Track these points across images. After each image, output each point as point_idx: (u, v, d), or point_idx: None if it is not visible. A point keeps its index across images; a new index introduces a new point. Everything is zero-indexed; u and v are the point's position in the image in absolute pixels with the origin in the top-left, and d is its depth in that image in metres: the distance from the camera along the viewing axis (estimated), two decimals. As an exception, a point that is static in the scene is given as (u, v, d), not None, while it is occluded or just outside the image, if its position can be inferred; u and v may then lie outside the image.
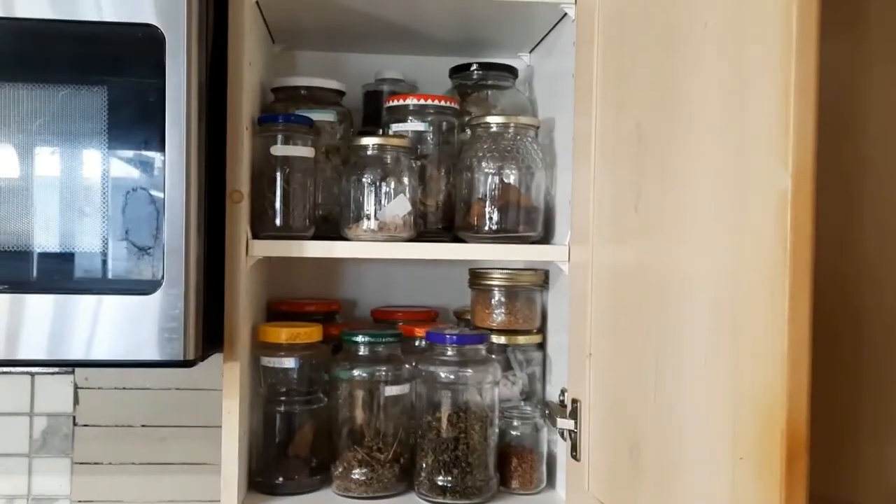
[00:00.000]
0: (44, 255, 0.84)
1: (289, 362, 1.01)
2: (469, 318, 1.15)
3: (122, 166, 0.85)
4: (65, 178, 0.84)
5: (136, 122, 0.85)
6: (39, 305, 0.83)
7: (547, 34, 1.13)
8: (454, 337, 0.99)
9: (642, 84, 0.79)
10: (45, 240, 0.84)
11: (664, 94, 0.73)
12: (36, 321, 0.83)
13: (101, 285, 0.84)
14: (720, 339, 0.62)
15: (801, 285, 0.55)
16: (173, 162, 0.84)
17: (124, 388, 1.23)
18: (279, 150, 0.98)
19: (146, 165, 0.84)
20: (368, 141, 1.01)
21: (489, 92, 1.16)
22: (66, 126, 0.85)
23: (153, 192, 0.84)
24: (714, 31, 0.65)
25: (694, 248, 0.67)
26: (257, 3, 0.96)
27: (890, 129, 0.80)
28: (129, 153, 0.85)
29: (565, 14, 1.00)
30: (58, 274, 0.84)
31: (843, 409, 0.83)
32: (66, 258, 0.85)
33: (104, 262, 0.85)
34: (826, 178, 0.78)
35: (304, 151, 1.00)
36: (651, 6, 0.77)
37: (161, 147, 0.84)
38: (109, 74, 0.85)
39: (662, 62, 0.74)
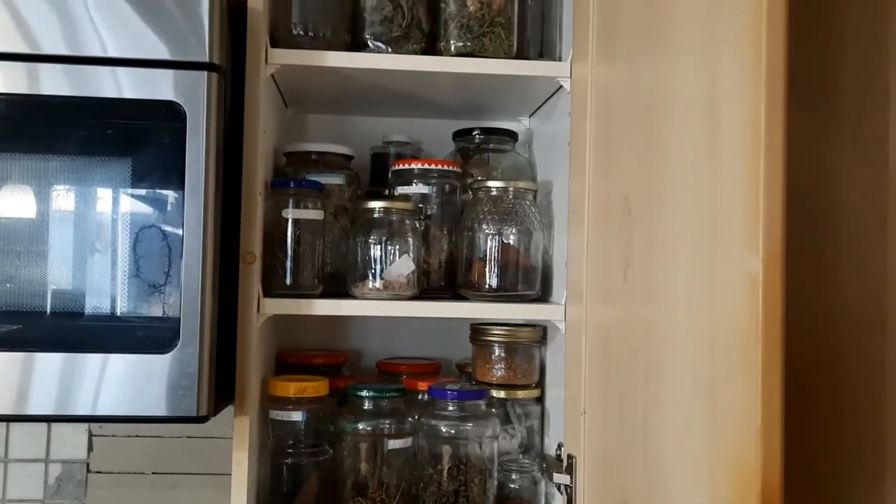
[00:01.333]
0: (64, 315, 0.90)
1: (297, 415, 1.05)
2: (470, 370, 1.19)
3: (141, 231, 0.90)
4: (86, 242, 0.90)
5: (157, 189, 0.91)
6: (58, 363, 0.88)
7: (545, 101, 1.19)
8: (455, 392, 1.04)
9: (630, 159, 0.84)
10: (66, 301, 0.90)
11: (648, 172, 0.78)
12: (54, 378, 0.87)
13: (119, 344, 0.89)
14: (699, 406, 0.66)
15: (772, 361, 0.59)
16: (191, 228, 0.89)
17: (137, 436, 1.27)
18: (290, 213, 1.04)
19: (165, 231, 0.90)
20: (375, 204, 1.06)
21: (490, 154, 1.22)
22: (89, 193, 0.91)
23: (171, 257, 0.90)
24: (693, 117, 0.70)
25: (675, 318, 0.72)
26: (272, 75, 1.03)
27: (860, 202, 0.85)
28: (149, 219, 0.90)
29: (561, 86, 1.06)
30: (77, 333, 0.89)
31: (823, 469, 0.87)
32: (86, 318, 0.90)
33: (122, 322, 0.90)
34: (802, 250, 0.83)
35: (313, 214, 1.06)
36: (637, 88, 0.83)
37: (180, 213, 0.89)
38: (134, 146, 0.91)
39: (647, 141, 0.79)
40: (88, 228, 0.90)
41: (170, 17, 0.89)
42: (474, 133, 1.22)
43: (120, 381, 0.88)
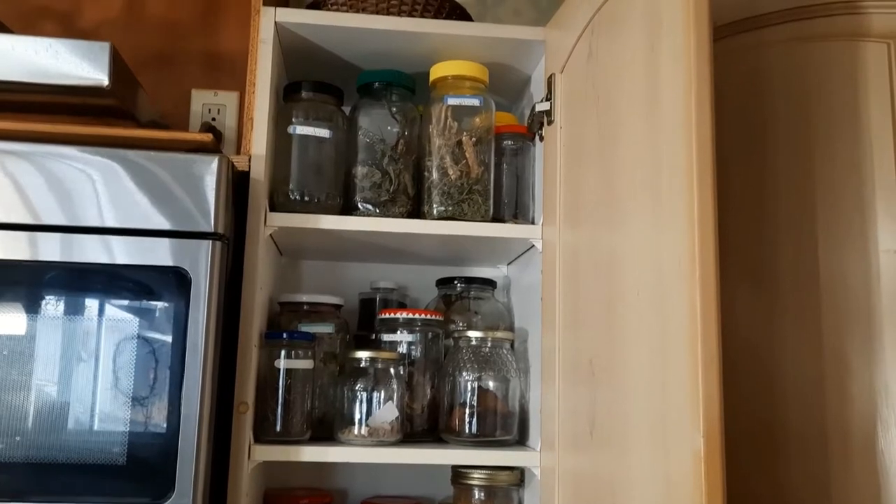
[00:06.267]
0: (60, 467, 0.94)
1: (282, 560, 1.08)
2: (452, 511, 1.24)
3: (142, 385, 0.96)
4: (88, 396, 0.96)
5: (159, 345, 0.98)
6: (62, 514, 0.92)
7: (521, 255, 1.29)
8: (436, 537, 1.08)
9: (594, 322, 0.93)
10: (64, 452, 0.95)
11: (610, 339, 0.87)
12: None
13: (114, 493, 0.94)
14: (657, 569, 0.72)
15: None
16: (190, 383, 0.96)
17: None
18: (283, 363, 1.11)
19: (164, 384, 0.96)
20: (362, 354, 1.14)
21: (471, 301, 1.31)
22: (94, 349, 0.97)
23: (170, 409, 0.96)
24: (644, 301, 0.79)
25: (635, 480, 0.78)
26: (271, 235, 1.12)
27: (800, 364, 0.93)
28: (150, 373, 0.97)
29: (533, 245, 1.16)
30: (76, 483, 0.94)
31: None
32: (84, 469, 0.94)
33: (119, 472, 0.95)
34: (754, 418, 0.91)
35: (304, 364, 1.13)
36: (598, 259, 0.92)
37: (181, 367, 0.96)
38: (141, 307, 0.99)
39: (608, 311, 0.88)
40: (87, 382, 0.96)
41: (178, 193, 0.99)
42: (456, 282, 1.31)
43: (115, 531, 0.93)
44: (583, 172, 1.01)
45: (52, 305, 0.97)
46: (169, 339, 0.98)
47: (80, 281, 0.98)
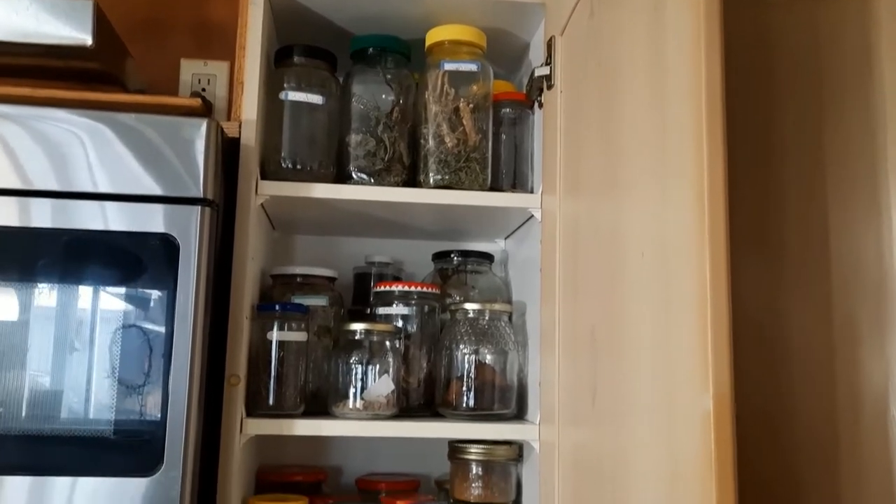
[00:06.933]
0: (47, 440, 0.92)
1: (275, 536, 1.06)
2: (448, 487, 1.21)
3: (131, 356, 0.94)
4: (76, 365, 0.93)
5: (148, 315, 0.95)
6: (46, 486, 0.89)
7: (519, 227, 1.26)
8: (432, 513, 1.06)
9: (595, 290, 0.90)
10: (50, 424, 0.92)
11: (612, 307, 0.84)
12: (42, 501, 0.89)
13: (104, 467, 0.91)
14: (663, 536, 0.70)
15: (725, 495, 0.63)
16: (179, 352, 0.93)
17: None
18: (275, 335, 1.08)
19: (154, 355, 0.94)
20: (357, 326, 1.11)
21: (468, 275, 1.29)
22: (82, 317, 0.94)
23: (159, 380, 0.93)
24: (648, 262, 0.76)
25: (639, 448, 0.76)
26: (262, 205, 1.09)
27: (808, 335, 0.91)
28: (139, 344, 0.94)
29: (532, 216, 1.13)
30: (63, 457, 0.91)
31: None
32: (70, 442, 0.92)
33: (107, 445, 0.92)
34: (758, 383, 0.88)
35: (297, 336, 1.10)
36: (600, 225, 0.90)
37: (170, 338, 0.93)
38: (128, 274, 0.95)
39: (610, 277, 0.85)
40: (76, 353, 0.94)
41: (167, 156, 0.96)
42: (452, 255, 1.28)
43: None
44: (584, 138, 0.98)
45: (40, 273, 0.94)
46: (158, 308, 0.95)
47: (67, 248, 0.95)
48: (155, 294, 0.95)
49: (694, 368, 0.67)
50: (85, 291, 0.95)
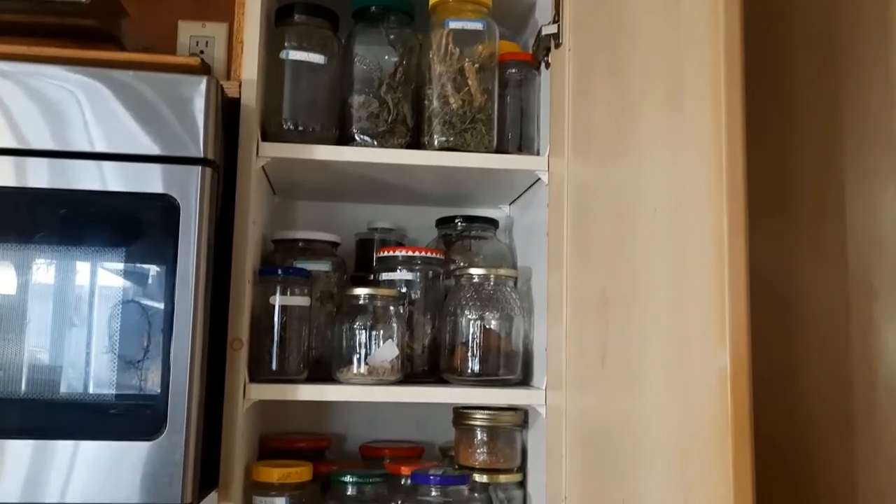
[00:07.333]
0: (52, 404, 0.90)
1: (280, 501, 1.05)
2: (453, 454, 1.20)
3: (132, 319, 0.92)
4: (76, 330, 0.91)
5: (149, 279, 0.93)
6: (51, 450, 0.88)
7: (524, 192, 1.24)
8: (438, 478, 1.05)
9: (606, 252, 0.88)
10: (55, 390, 0.90)
11: (623, 267, 0.82)
12: (44, 466, 0.88)
13: (106, 431, 0.90)
14: (674, 491, 0.69)
15: (742, 453, 0.62)
16: (181, 318, 0.91)
17: (115, 524, 1.25)
18: (278, 300, 1.07)
19: (155, 319, 0.92)
20: (360, 291, 1.10)
21: (472, 241, 1.27)
22: (81, 281, 0.92)
23: (161, 343, 0.91)
24: (661, 219, 0.75)
25: (649, 409, 0.75)
26: (263, 167, 1.07)
27: (824, 298, 0.89)
28: (140, 306, 0.92)
29: (539, 178, 1.11)
30: (66, 421, 0.90)
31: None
32: (74, 406, 0.90)
33: (109, 409, 0.91)
34: (771, 346, 0.87)
35: (300, 301, 1.08)
36: (610, 185, 0.88)
37: (171, 300, 0.91)
38: (127, 237, 0.93)
39: (621, 237, 0.84)
40: (76, 315, 0.92)
41: (166, 115, 0.93)
42: (456, 221, 1.26)
43: (106, 469, 0.88)
44: (594, 97, 0.95)
45: (39, 233, 0.92)
46: (159, 270, 0.93)
47: (64, 209, 0.92)
48: (156, 256, 0.93)
49: (710, 325, 0.65)
50: (85, 253, 0.93)
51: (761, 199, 0.94)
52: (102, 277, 0.93)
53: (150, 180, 0.93)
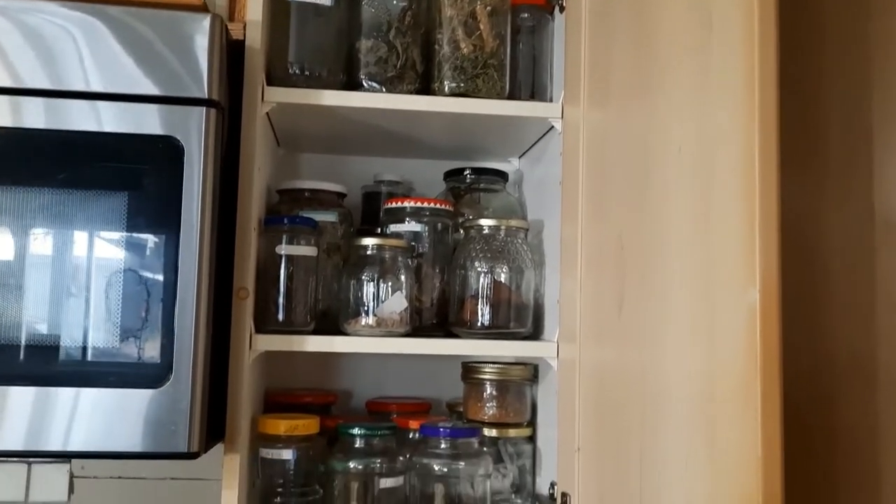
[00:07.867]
0: (56, 350, 0.88)
1: (287, 454, 1.03)
2: (461, 410, 1.19)
3: (136, 265, 0.89)
4: (79, 276, 0.89)
5: (152, 223, 0.90)
6: (53, 397, 0.86)
7: (536, 143, 1.21)
8: (448, 430, 1.03)
9: (624, 200, 0.85)
10: (59, 336, 0.88)
11: (642, 211, 0.80)
12: (48, 413, 0.86)
13: (111, 378, 0.88)
14: (698, 441, 0.67)
15: (771, 389, 0.60)
16: (186, 264, 0.89)
17: (120, 478, 1.24)
18: (284, 249, 1.04)
19: (159, 265, 0.89)
20: (368, 241, 1.07)
21: (481, 194, 1.24)
22: (84, 226, 0.90)
23: (165, 291, 0.89)
24: (686, 156, 0.72)
25: (672, 353, 0.72)
26: (267, 113, 1.04)
27: (850, 249, 0.87)
28: (144, 253, 0.90)
29: (552, 127, 1.08)
30: (70, 368, 0.88)
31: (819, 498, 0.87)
32: (78, 353, 0.88)
33: (114, 357, 0.88)
34: (797, 296, 0.84)
35: (307, 251, 1.06)
36: (631, 130, 0.85)
37: (175, 248, 0.89)
38: (130, 181, 0.91)
39: (642, 181, 0.81)
40: (77, 260, 0.89)
41: (167, 54, 0.90)
42: (465, 173, 1.23)
43: (111, 417, 0.87)
44: (612, 40, 0.92)
45: (39, 176, 0.89)
46: (162, 216, 0.90)
47: (63, 152, 0.89)
48: (158, 202, 0.90)
49: (738, 260, 0.63)
50: (88, 197, 0.90)
51: (787, 145, 0.92)
52: (106, 222, 0.90)
53: (152, 121, 0.89)
